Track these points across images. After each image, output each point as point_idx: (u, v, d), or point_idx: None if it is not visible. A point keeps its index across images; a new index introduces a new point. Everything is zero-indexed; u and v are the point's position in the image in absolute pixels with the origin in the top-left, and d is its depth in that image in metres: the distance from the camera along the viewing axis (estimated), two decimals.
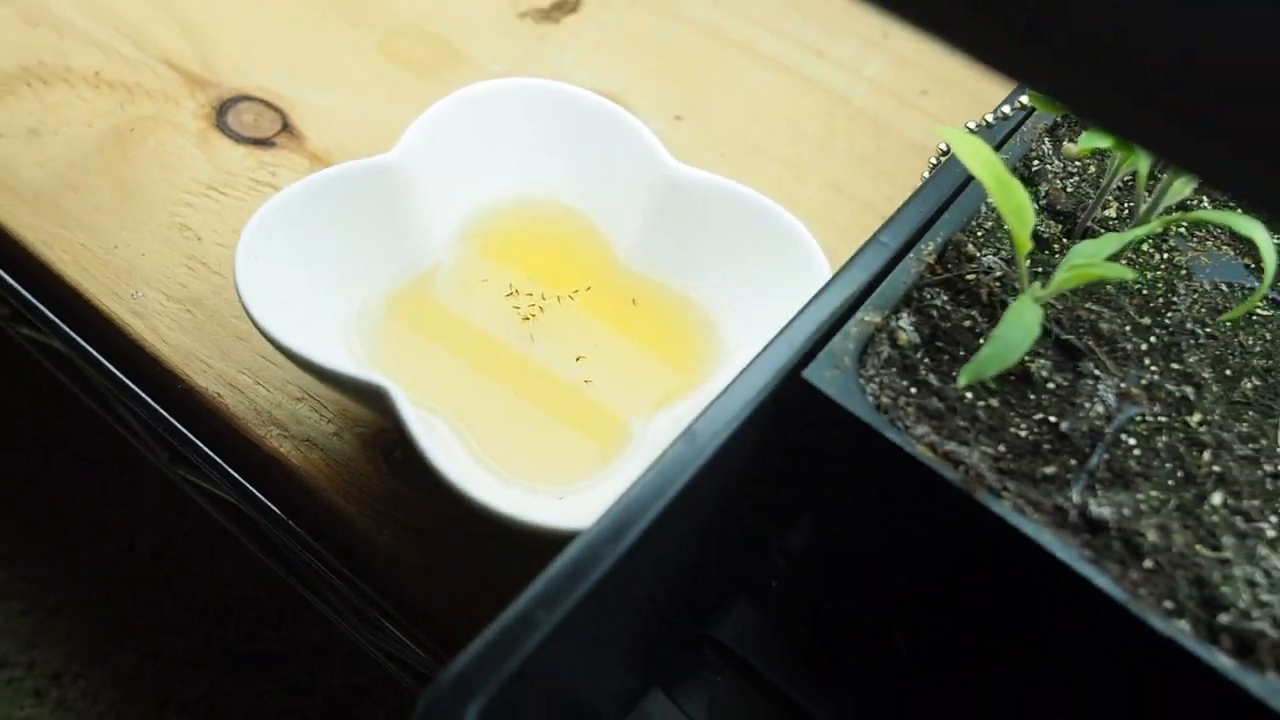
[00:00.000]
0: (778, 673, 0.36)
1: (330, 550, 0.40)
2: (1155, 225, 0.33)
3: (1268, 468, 0.32)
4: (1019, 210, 0.31)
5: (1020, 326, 0.29)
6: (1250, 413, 0.33)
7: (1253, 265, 0.38)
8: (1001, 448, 0.31)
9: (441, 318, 0.41)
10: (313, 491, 0.39)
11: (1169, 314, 0.35)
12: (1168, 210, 0.35)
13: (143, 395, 0.41)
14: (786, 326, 0.31)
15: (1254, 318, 0.36)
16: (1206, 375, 0.34)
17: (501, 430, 0.39)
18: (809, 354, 0.31)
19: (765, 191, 0.43)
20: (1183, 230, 0.38)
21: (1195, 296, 0.36)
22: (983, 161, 0.30)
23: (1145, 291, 0.36)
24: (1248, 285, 0.37)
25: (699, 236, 0.43)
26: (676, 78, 0.57)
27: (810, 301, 0.32)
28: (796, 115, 0.56)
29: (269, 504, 0.40)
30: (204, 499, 0.46)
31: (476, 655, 0.24)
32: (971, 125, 0.39)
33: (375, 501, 0.39)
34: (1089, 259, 0.31)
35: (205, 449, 0.41)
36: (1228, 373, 0.34)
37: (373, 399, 0.35)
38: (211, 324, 0.42)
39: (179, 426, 0.41)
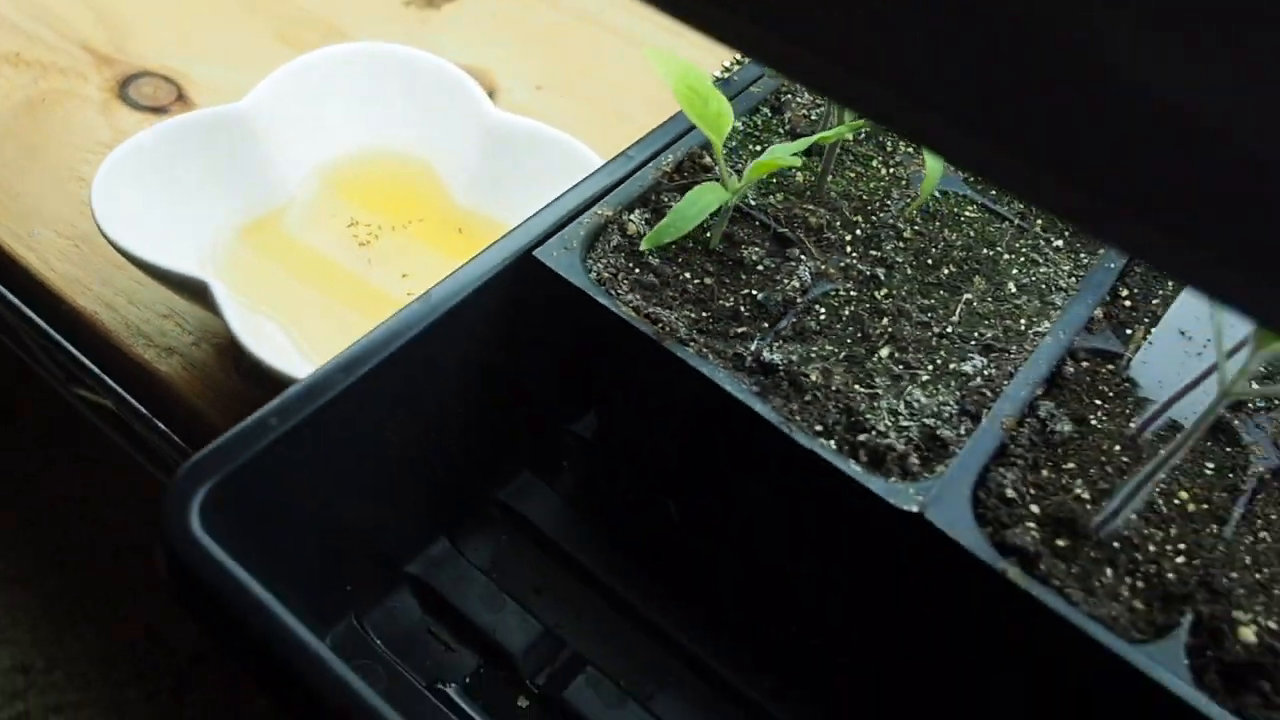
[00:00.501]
0: (560, 534, 0.42)
1: (190, 445, 0.46)
2: (844, 129, 0.39)
3: (937, 330, 0.37)
4: (715, 118, 0.37)
5: (696, 204, 0.35)
6: (940, 292, 0.39)
7: (970, 179, 0.43)
8: (705, 314, 0.37)
9: (290, 245, 0.48)
10: (171, 390, 0.45)
11: (880, 214, 0.41)
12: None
13: (34, 318, 0.48)
14: (526, 220, 0.38)
15: (962, 218, 0.42)
16: (900, 261, 0.40)
17: (330, 335, 0.45)
18: (545, 240, 0.37)
19: (608, 148, 0.49)
20: (910, 149, 0.44)
21: (908, 201, 0.42)
22: (679, 77, 0.36)
23: (865, 197, 0.42)
24: (960, 193, 0.43)
25: (518, 174, 0.49)
26: (542, 55, 0.64)
27: (552, 201, 0.38)
28: (651, 86, 0.63)
29: (137, 405, 0.46)
30: (96, 416, 0.52)
31: (214, 449, 0.30)
32: (727, 63, 0.45)
33: (224, 398, 0.45)
34: (775, 156, 0.37)
35: (86, 361, 0.47)
36: (928, 261, 0.40)
37: (201, 296, 0.41)
38: (95, 256, 0.49)
39: (63, 342, 0.47)
